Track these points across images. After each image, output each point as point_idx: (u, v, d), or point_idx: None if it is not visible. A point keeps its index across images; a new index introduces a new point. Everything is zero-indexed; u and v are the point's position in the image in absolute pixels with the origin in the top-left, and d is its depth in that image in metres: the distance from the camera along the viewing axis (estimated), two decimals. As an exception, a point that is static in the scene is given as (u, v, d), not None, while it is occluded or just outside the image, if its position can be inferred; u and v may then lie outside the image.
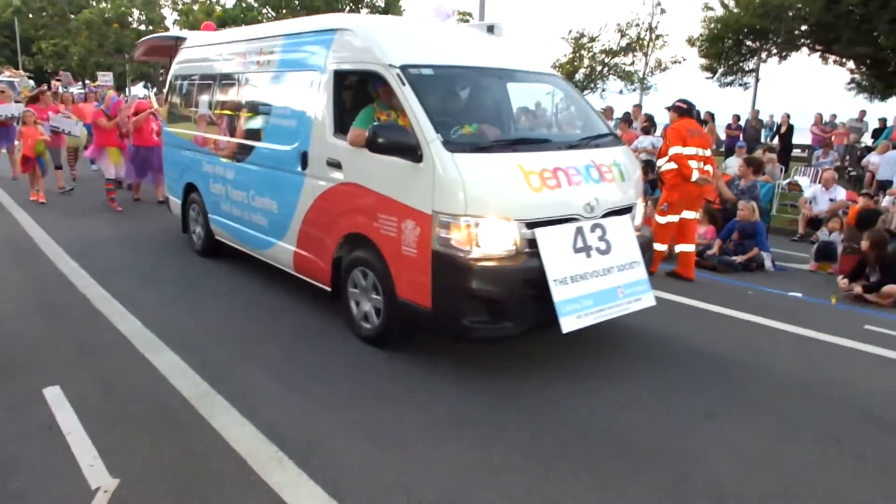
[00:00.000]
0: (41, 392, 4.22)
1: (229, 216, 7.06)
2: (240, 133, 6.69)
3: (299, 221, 5.91)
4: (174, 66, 8.27)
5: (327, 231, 5.59)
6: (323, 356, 5.10)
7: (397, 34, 5.40)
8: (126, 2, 43.83)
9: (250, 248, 6.83)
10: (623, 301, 4.97)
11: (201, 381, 4.50)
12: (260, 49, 6.47)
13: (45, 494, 3.23)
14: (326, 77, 5.53)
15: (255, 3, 39.71)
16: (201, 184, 7.55)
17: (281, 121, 6.06)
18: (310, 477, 3.41)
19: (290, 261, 6.15)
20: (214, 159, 7.17)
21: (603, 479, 3.55)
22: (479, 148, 4.78)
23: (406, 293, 4.92)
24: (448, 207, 4.55)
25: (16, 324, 5.53)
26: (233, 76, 6.88)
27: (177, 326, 5.55)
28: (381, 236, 5.03)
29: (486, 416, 4.21)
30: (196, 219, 7.90)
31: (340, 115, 5.48)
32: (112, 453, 3.55)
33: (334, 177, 5.43)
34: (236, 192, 6.82)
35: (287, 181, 5.99)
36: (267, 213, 6.36)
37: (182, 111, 8.03)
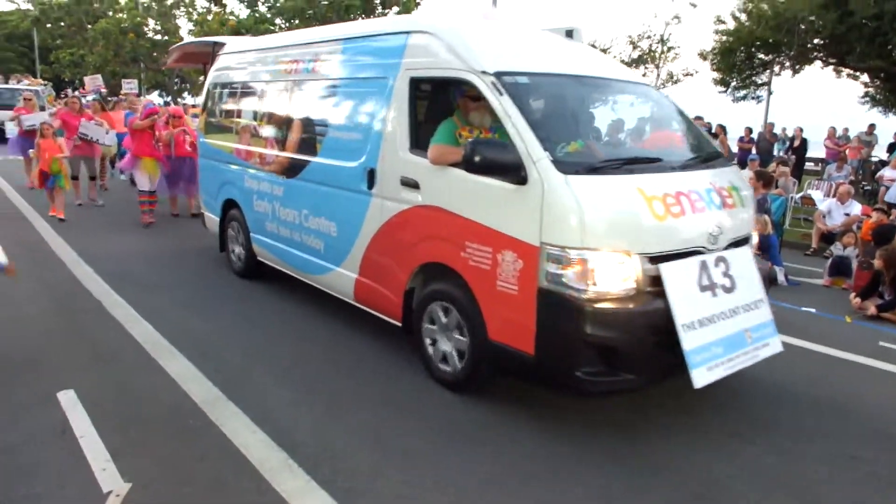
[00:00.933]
0: (55, 395, 4.14)
1: (276, 237, 6.21)
2: (291, 147, 5.84)
3: (363, 247, 5.06)
4: (212, 74, 7.41)
5: (399, 259, 4.75)
6: (336, 364, 4.89)
7: (485, 37, 4.56)
8: (142, 12, 43.16)
9: (300, 272, 5.98)
10: (751, 347, 4.13)
11: (213, 387, 4.37)
12: (315, 54, 5.62)
13: (59, 497, 3.16)
14: (399, 85, 4.69)
15: (268, 13, 39.03)
16: (243, 200, 6.70)
17: (342, 134, 5.22)
18: (319, 485, 3.32)
19: (350, 290, 5.30)
20: (259, 174, 6.32)
21: (619, 489, 3.45)
22: (593, 169, 3.93)
23: (501, 335, 4.08)
24: (560, 238, 3.71)
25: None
26: (282, 84, 6.03)
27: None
28: (469, 268, 4.19)
29: (497, 426, 4.05)
30: (236, 238, 7.03)
31: (417, 129, 4.64)
32: (124, 457, 3.49)
33: (409, 198, 4.59)
34: (285, 210, 5.96)
35: (349, 201, 5.15)
36: (323, 235, 5.51)
37: (221, 121, 7.17)
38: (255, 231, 6.57)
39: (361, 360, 4.97)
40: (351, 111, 5.15)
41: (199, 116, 7.98)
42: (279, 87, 6.08)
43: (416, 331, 4.74)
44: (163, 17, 44.20)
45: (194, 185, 9.50)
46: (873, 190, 15.22)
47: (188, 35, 45.96)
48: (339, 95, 5.28)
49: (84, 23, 44.26)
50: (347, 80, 5.23)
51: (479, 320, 4.18)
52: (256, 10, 40.21)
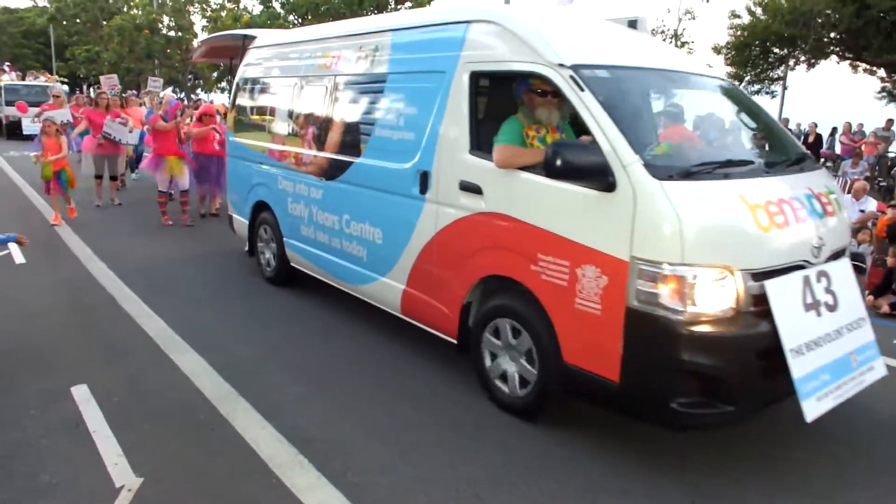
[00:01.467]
0: (69, 390, 4.09)
1: (313, 242, 5.71)
2: (331, 147, 5.32)
3: (413, 256, 4.56)
4: (242, 69, 6.88)
5: (456, 271, 4.24)
6: (346, 360, 4.77)
7: (557, 27, 4.03)
8: (156, 9, 42.74)
9: (339, 281, 5.48)
10: (857, 372, 3.62)
11: (223, 382, 4.30)
12: (360, 46, 5.10)
13: (72, 491, 3.13)
14: (458, 80, 4.17)
15: (281, 10, 38.49)
16: (276, 203, 6.19)
17: (390, 133, 4.70)
18: (329, 481, 3.26)
19: (397, 302, 4.80)
20: (295, 176, 5.81)
21: (628, 482, 3.37)
22: (688, 174, 3.41)
23: (578, 358, 3.58)
24: (655, 253, 3.20)
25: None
26: (321, 79, 5.51)
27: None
28: (541, 284, 3.68)
29: (507, 421, 3.93)
30: (267, 242, 6.53)
31: (478, 128, 4.12)
32: (136, 452, 3.45)
33: (470, 204, 4.08)
34: (324, 215, 5.46)
35: (397, 206, 4.64)
36: (366, 242, 5.01)
37: (252, 119, 6.66)
38: (288, 236, 6.07)
39: (371, 357, 4.82)
40: (401, 108, 4.63)
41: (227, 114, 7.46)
42: (318, 83, 5.56)
43: (473, 349, 4.24)
44: (177, 13, 43.77)
45: (220, 185, 9.01)
46: (889, 186, 14.70)
47: (202, 31, 45.50)
48: (387, 91, 4.76)
49: (99, 19, 43.87)
50: (397, 74, 4.70)
51: (552, 341, 3.68)
52: (270, 6, 39.76)
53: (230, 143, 7.03)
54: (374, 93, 4.91)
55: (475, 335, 4.20)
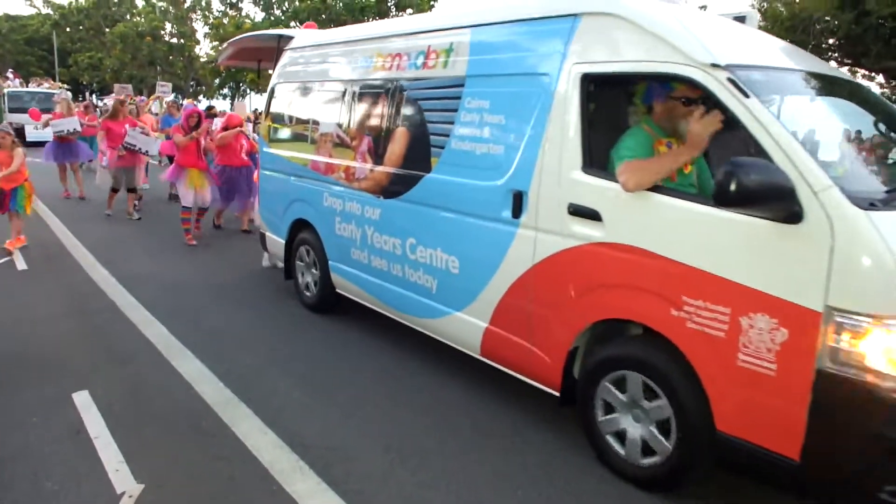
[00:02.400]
0: (71, 396, 3.99)
1: (366, 268, 4.87)
2: (392, 160, 4.49)
3: (501, 290, 3.74)
4: (278, 72, 6.03)
5: (561, 310, 3.43)
6: (347, 366, 4.60)
7: (693, 21, 3.22)
8: (159, 16, 41.84)
9: (399, 313, 4.65)
10: None
11: (224, 388, 4.16)
12: (428, 47, 4.27)
13: (73, 497, 3.02)
14: (565, 84, 3.36)
15: (283, 16, 37.62)
16: (320, 222, 5.35)
17: (472, 145, 3.88)
18: (330, 487, 3.16)
19: (475, 341, 3.98)
20: (345, 192, 4.97)
21: (628, 489, 3.20)
22: (889, 201, 2.62)
23: (738, 428, 2.79)
24: (861, 302, 2.42)
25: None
26: (379, 83, 4.68)
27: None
28: (686, 333, 2.88)
29: (507, 428, 3.79)
30: (308, 265, 5.69)
31: (592, 141, 3.31)
32: (137, 458, 3.35)
33: (582, 232, 3.27)
34: (382, 237, 4.63)
35: (481, 231, 3.82)
36: (437, 271, 4.19)
37: (291, 128, 5.81)
38: (335, 259, 5.23)
39: (372, 364, 4.62)
40: (485, 117, 3.80)
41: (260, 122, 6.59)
42: (374, 88, 4.72)
43: (581, 400, 3.43)
44: (179, 20, 42.92)
45: (250, 198, 8.12)
46: None
47: (204, 39, 44.52)
48: (466, 97, 3.93)
49: (102, 27, 43.01)
50: (479, 77, 3.88)
51: (700, 404, 2.88)
52: (272, 13, 38.94)
53: (264, 155, 6.16)
54: (449, 98, 4.08)
55: (584, 387, 3.39)
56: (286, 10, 37.77)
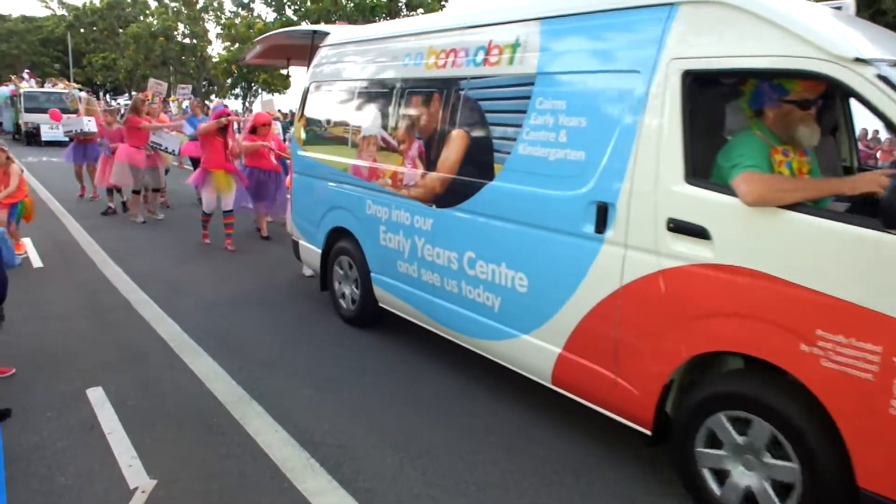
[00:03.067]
0: (85, 392, 3.97)
1: (415, 282, 4.43)
2: (447, 165, 4.04)
3: (579, 313, 3.29)
4: (313, 70, 5.58)
5: (655, 339, 2.97)
6: (357, 365, 4.53)
7: (811, 8, 2.76)
8: (171, 17, 41.55)
9: (453, 332, 4.20)
10: None
11: (236, 386, 4.13)
12: (489, 42, 3.82)
13: (87, 492, 3.00)
14: (662, 82, 2.90)
15: (294, 16, 37.25)
16: (361, 231, 4.91)
17: (545, 151, 3.43)
18: (340, 485, 3.11)
19: (547, 368, 3.53)
20: (391, 199, 4.53)
21: (636, 492, 3.12)
22: None
23: (887, 486, 2.32)
24: None
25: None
26: (431, 82, 4.23)
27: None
28: (821, 373, 2.43)
29: (515, 427, 3.73)
30: (346, 276, 5.25)
31: (696, 148, 2.85)
32: (150, 454, 3.32)
33: (687, 252, 2.81)
34: (434, 250, 4.18)
35: (556, 246, 3.37)
36: (500, 289, 3.74)
37: (328, 130, 5.36)
38: (379, 271, 4.79)
39: (381, 363, 4.55)
40: (561, 119, 3.35)
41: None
42: (425, 86, 4.28)
43: (678, 442, 2.98)
44: (192, 21, 42.61)
45: (275, 203, 7.68)
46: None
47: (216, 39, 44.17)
48: (537, 97, 3.48)
49: (116, 27, 42.70)
50: (553, 75, 3.43)
51: (838, 455, 2.43)
52: (283, 13, 38.63)
53: (298, 159, 5.72)
54: (515, 98, 3.63)
55: (687, 420, 2.94)
56: (297, 9, 37.39)
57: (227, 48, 40.72)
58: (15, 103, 23.90)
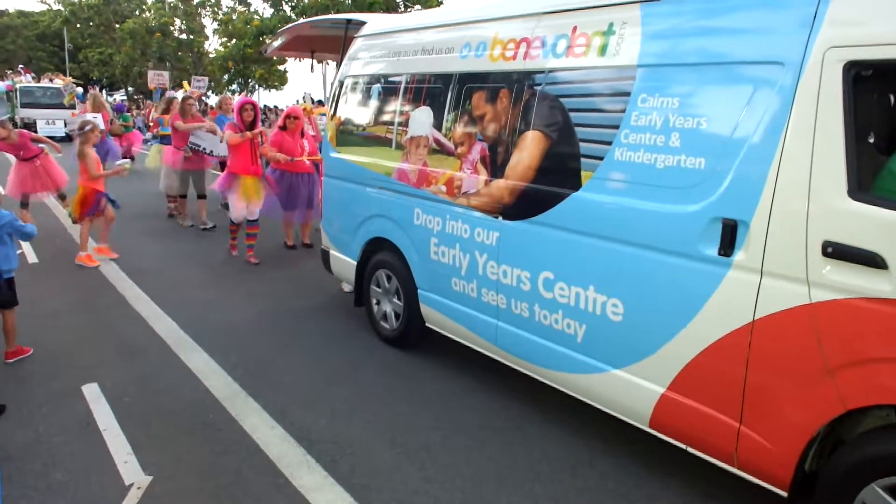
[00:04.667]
0: (80, 389, 3.89)
1: (472, 302, 3.86)
2: (519, 172, 3.46)
3: (694, 348, 2.73)
4: (347, 64, 4.97)
5: (801, 387, 2.42)
6: (353, 361, 4.43)
7: None
8: (168, 12, 40.72)
9: (523, 361, 3.64)
10: None
11: (232, 382, 4.03)
12: (573, 28, 3.24)
13: (83, 489, 2.96)
14: (815, 75, 2.34)
15: (292, 14, 36.51)
16: (407, 243, 4.33)
17: (650, 157, 2.86)
18: (336, 481, 3.04)
19: (645, 408, 2.98)
20: (445, 208, 3.95)
21: (630, 487, 3.07)
22: None
23: None
24: None
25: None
26: (497, 76, 3.65)
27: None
28: None
29: (512, 423, 3.62)
30: (387, 292, 4.67)
31: (862, 156, 2.29)
32: (146, 450, 3.26)
33: (848, 282, 2.26)
34: (500, 267, 3.61)
35: (663, 270, 2.81)
36: (587, 316, 3.17)
37: (368, 130, 4.76)
38: (427, 288, 4.21)
39: (377, 360, 4.46)
40: (674, 118, 2.78)
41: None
42: (490, 81, 3.69)
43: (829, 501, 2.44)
44: (188, 16, 41.78)
45: (312, 209, 6.96)
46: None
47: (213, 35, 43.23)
48: (640, 93, 2.91)
49: (112, 22, 41.78)
50: (663, 67, 2.86)
51: None
52: (281, 9, 37.88)
53: (331, 161, 5.11)
54: (609, 95, 3.06)
55: (839, 485, 2.40)
56: (294, 6, 36.64)
57: (223, 44, 39.93)
58: (11, 98, 23.12)
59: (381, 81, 4.57)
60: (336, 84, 5.03)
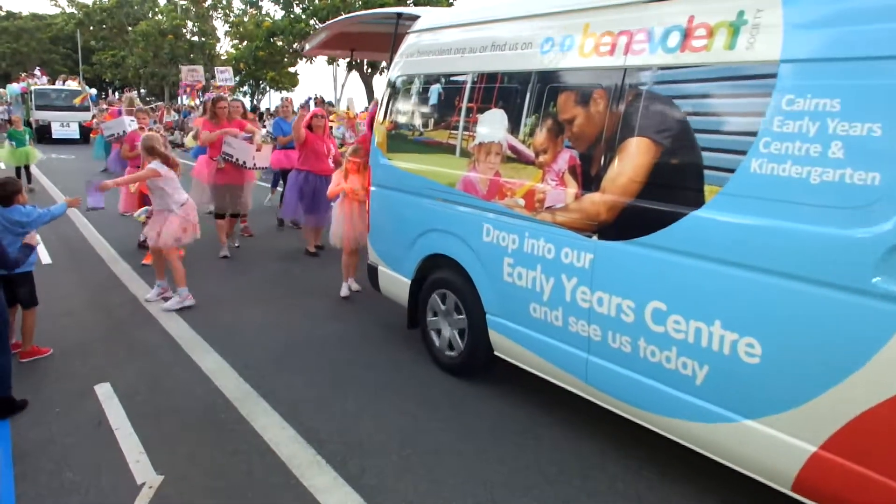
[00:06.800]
0: (93, 388, 3.86)
1: (556, 332, 3.34)
2: (621, 184, 2.94)
3: (863, 402, 2.22)
4: (399, 62, 4.46)
5: None
6: (363, 362, 4.31)
7: None
8: (180, 15, 40.46)
9: (621, 402, 3.12)
10: None
11: (244, 383, 3.98)
12: (689, 18, 2.73)
13: (95, 488, 2.94)
14: None
15: (303, 14, 36.08)
16: (473, 262, 3.82)
17: (799, 170, 2.34)
18: (346, 482, 3.01)
19: (788, 469, 2.47)
20: (524, 225, 3.44)
21: (642, 490, 3.00)
22: None
23: None
24: None
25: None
26: (591, 74, 3.13)
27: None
28: None
29: (522, 426, 3.54)
30: (447, 314, 4.16)
31: None
32: (157, 450, 3.24)
33: None
34: (596, 294, 3.09)
35: (823, 305, 2.30)
36: (711, 356, 2.66)
37: (426, 135, 4.25)
38: (498, 313, 3.71)
39: (389, 362, 4.35)
40: (833, 124, 2.26)
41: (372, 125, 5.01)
42: (580, 80, 3.18)
43: None
44: (200, 19, 41.46)
45: (328, 214, 6.48)
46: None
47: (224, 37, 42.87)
48: (784, 93, 2.38)
49: (125, 25, 41.55)
50: (816, 62, 2.33)
51: None
52: (291, 11, 37.54)
53: (381, 169, 4.60)
54: (743, 96, 2.54)
55: None
56: (305, 8, 36.23)
57: (235, 46, 39.60)
58: (26, 100, 22.89)
59: (442, 81, 4.06)
60: (386, 85, 4.52)
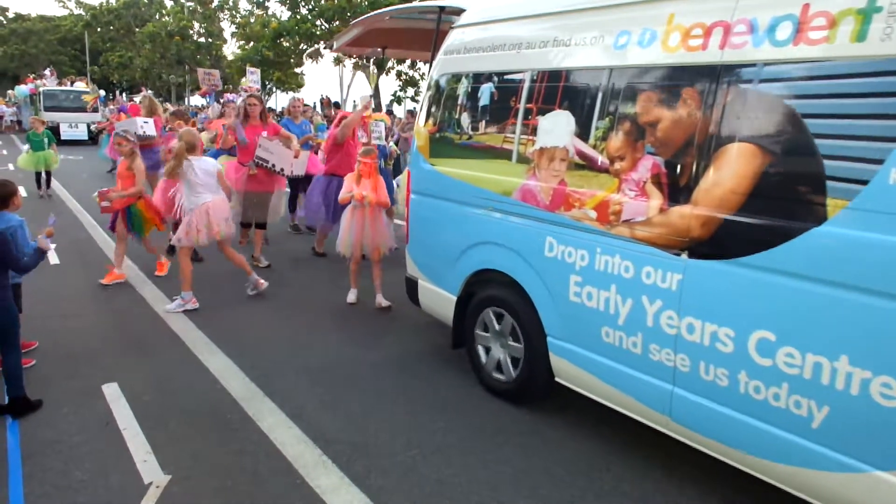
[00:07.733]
0: (100, 388, 3.86)
1: (634, 360, 2.97)
2: (718, 196, 2.57)
3: None
4: (445, 59, 4.08)
5: None
6: (369, 363, 4.30)
7: None
8: (187, 16, 40.29)
9: (717, 442, 2.74)
10: None
11: (250, 383, 3.97)
12: (803, 7, 2.35)
13: (103, 487, 2.94)
14: None
15: (309, 15, 35.77)
16: (532, 279, 3.44)
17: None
18: (352, 482, 3.00)
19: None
20: (594, 239, 3.07)
21: (648, 490, 2.97)
22: None
23: None
24: None
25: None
26: (678, 71, 2.76)
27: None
28: None
29: (528, 427, 3.52)
30: (500, 335, 3.79)
31: None
32: (164, 450, 3.23)
33: None
34: (685, 320, 2.72)
35: None
36: (833, 396, 2.29)
37: (476, 138, 3.87)
38: (561, 336, 3.33)
39: (395, 362, 4.31)
40: None
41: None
42: (665, 78, 2.81)
43: None
44: (207, 20, 41.22)
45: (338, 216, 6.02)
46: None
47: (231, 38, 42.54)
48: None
49: (132, 26, 41.37)
50: None
51: None
52: (298, 12, 37.30)
53: (422, 174, 4.22)
54: (877, 96, 2.16)
55: None
56: (312, 8, 35.93)
57: (241, 47, 39.38)
58: (34, 102, 22.68)
59: (494, 80, 3.68)
60: (427, 85, 4.14)
